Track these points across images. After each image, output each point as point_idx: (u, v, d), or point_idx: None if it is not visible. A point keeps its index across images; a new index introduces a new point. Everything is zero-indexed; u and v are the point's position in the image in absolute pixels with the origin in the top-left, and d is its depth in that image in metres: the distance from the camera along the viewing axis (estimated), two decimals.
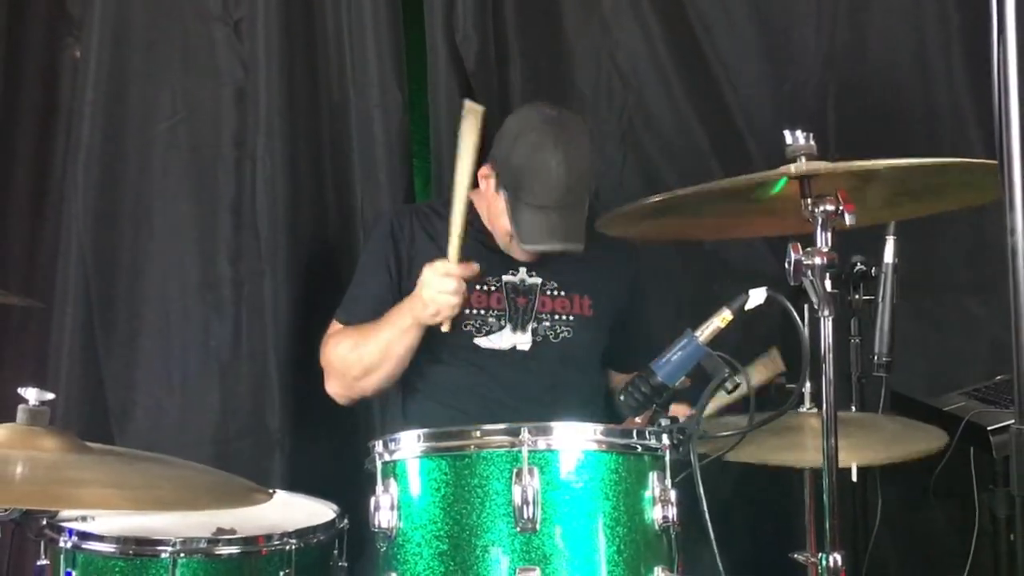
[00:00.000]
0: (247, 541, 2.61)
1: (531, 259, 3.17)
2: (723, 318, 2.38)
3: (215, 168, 3.72)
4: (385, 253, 3.21)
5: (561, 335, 3.17)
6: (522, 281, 3.16)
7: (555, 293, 3.19)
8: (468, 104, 2.92)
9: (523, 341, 3.11)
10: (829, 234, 2.32)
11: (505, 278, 3.18)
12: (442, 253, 3.05)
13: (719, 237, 3.52)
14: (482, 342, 3.12)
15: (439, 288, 2.85)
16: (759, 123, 3.68)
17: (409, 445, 2.29)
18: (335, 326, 3.20)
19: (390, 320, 3.01)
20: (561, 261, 3.16)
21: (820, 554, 2.34)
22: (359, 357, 3.04)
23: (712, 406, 2.46)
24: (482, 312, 3.13)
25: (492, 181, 3.13)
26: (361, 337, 3.07)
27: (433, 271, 2.87)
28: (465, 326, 3.12)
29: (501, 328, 3.13)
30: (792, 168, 2.38)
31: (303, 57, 3.71)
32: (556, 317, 3.18)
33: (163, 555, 2.53)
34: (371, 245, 3.31)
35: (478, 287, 3.15)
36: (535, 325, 3.09)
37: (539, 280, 3.11)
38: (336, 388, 3.15)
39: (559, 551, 2.16)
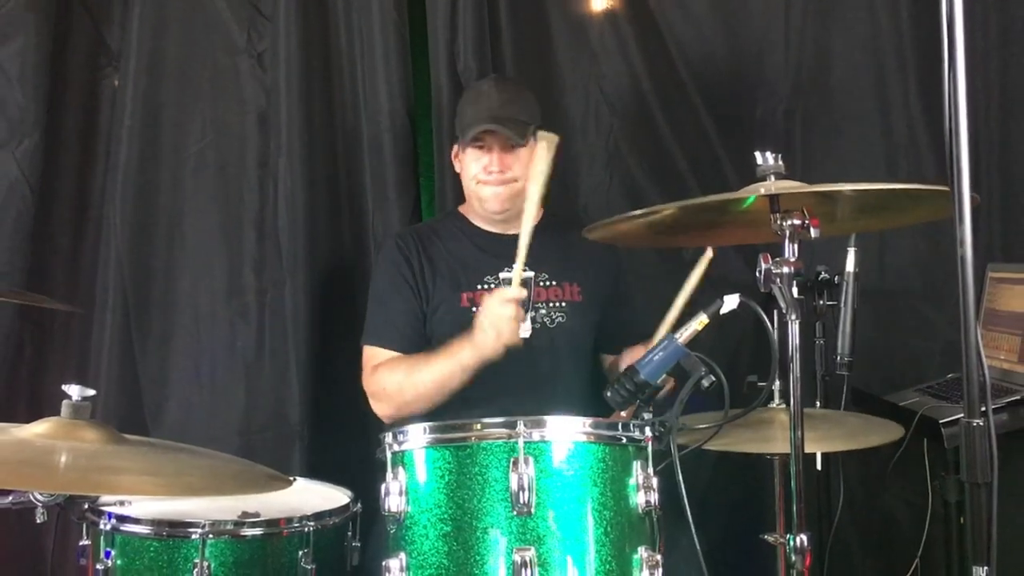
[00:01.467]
0: (269, 523, 2.62)
1: (497, 204, 3.18)
2: (700, 322, 2.38)
3: (240, 186, 3.73)
4: (402, 274, 3.18)
5: (556, 320, 3.17)
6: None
7: (547, 283, 3.18)
8: (542, 133, 2.90)
9: (524, 328, 3.08)
10: (796, 246, 2.33)
11: (502, 275, 3.15)
12: (442, 274, 3.16)
13: (695, 245, 3.53)
14: None
15: (500, 314, 2.80)
16: (733, 145, 3.68)
17: (416, 437, 2.28)
18: (377, 352, 3.13)
19: (449, 354, 2.93)
20: (550, 255, 3.17)
21: (788, 535, 2.35)
22: (413, 385, 2.97)
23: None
24: None
25: (459, 149, 3.25)
26: (415, 366, 3.00)
27: (493, 299, 2.84)
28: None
29: None
30: (762, 188, 2.39)
31: (320, 86, 3.72)
32: (551, 304, 3.18)
33: (193, 536, 2.54)
34: (384, 269, 3.25)
35: (481, 286, 3.16)
36: (533, 313, 3.06)
37: (532, 273, 3.10)
38: (385, 411, 3.06)
39: (552, 532, 2.16)
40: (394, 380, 3.03)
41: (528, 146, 3.11)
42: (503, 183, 3.15)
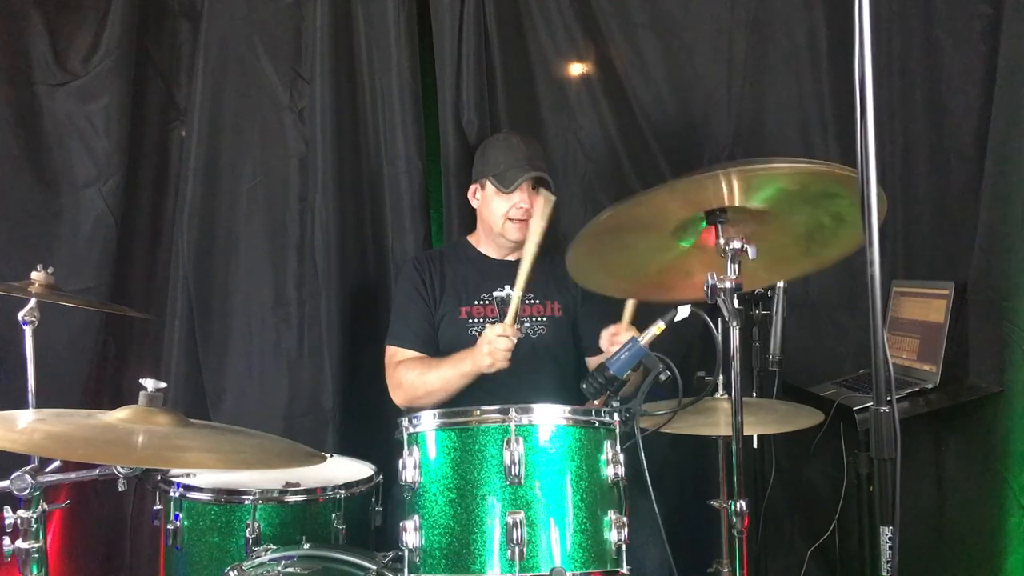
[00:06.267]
0: (308, 491, 2.64)
1: (520, 235, 3.11)
2: (658, 327, 2.38)
3: (284, 217, 3.74)
4: (418, 289, 3.17)
5: (538, 332, 3.15)
6: (508, 295, 3.15)
7: (532, 301, 3.17)
8: (545, 193, 2.88)
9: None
10: (736, 266, 2.33)
11: (496, 294, 3.16)
12: (448, 291, 3.15)
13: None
14: None
15: (497, 345, 2.78)
16: None
17: (427, 420, 2.27)
18: (397, 351, 3.12)
19: (453, 361, 2.93)
20: (535, 278, 3.10)
21: (730, 501, 2.34)
22: (424, 383, 2.96)
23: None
24: (482, 320, 3.12)
25: (478, 188, 3.23)
26: (427, 368, 2.99)
27: (493, 331, 2.81)
28: (471, 332, 3.10)
29: None
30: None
31: (349, 136, 3.72)
32: (534, 319, 3.16)
33: (246, 501, 2.55)
34: (404, 285, 3.22)
35: (477, 302, 3.15)
36: (519, 326, 3.04)
37: (520, 293, 3.09)
38: (401, 399, 3.04)
39: (538, 499, 2.16)
40: (410, 376, 3.02)
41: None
42: (527, 219, 3.12)
